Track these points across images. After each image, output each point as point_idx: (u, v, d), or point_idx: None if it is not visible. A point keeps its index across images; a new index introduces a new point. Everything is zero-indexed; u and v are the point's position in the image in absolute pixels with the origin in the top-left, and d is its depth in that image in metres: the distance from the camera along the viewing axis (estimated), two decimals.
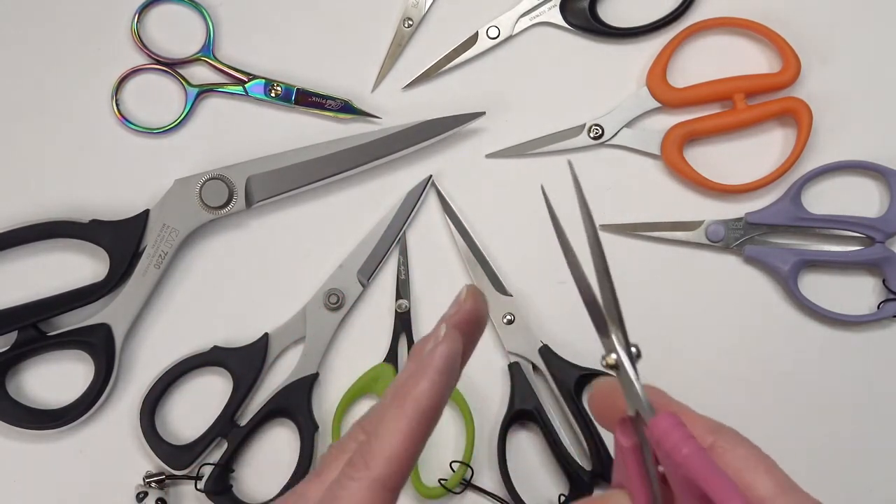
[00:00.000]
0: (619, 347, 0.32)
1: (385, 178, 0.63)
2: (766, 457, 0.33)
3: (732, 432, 0.33)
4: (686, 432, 0.29)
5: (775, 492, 0.31)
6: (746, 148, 0.64)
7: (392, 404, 0.34)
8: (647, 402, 0.31)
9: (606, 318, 0.33)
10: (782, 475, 0.32)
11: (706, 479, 0.28)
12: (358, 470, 0.33)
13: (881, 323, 0.62)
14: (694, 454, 0.29)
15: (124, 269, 0.60)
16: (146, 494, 0.59)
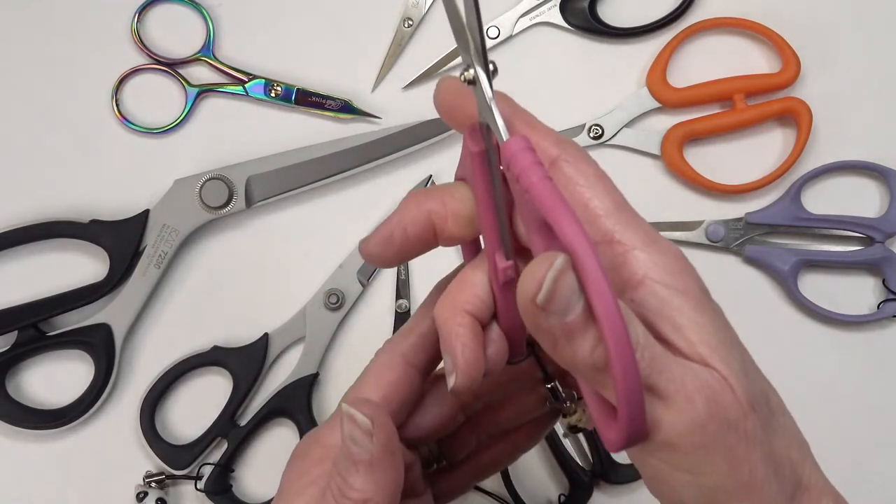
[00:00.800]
0: (477, 63, 0.32)
1: (385, 178, 0.63)
2: (604, 175, 0.33)
3: (576, 147, 0.34)
4: (535, 158, 0.30)
5: (610, 210, 0.32)
6: (746, 148, 0.64)
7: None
8: (502, 126, 0.31)
9: (467, 32, 0.32)
10: (618, 194, 0.33)
11: (549, 209, 0.29)
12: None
13: (881, 323, 0.62)
14: (540, 182, 0.29)
15: (124, 269, 0.60)
16: (146, 494, 0.59)
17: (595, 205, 0.32)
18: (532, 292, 0.28)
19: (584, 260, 0.28)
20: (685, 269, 0.33)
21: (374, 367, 0.38)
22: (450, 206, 0.35)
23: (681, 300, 0.32)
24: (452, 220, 0.35)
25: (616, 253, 0.32)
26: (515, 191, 0.31)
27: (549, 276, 0.28)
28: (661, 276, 0.32)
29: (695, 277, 0.34)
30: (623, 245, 0.32)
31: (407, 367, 0.38)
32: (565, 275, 0.28)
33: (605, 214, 0.32)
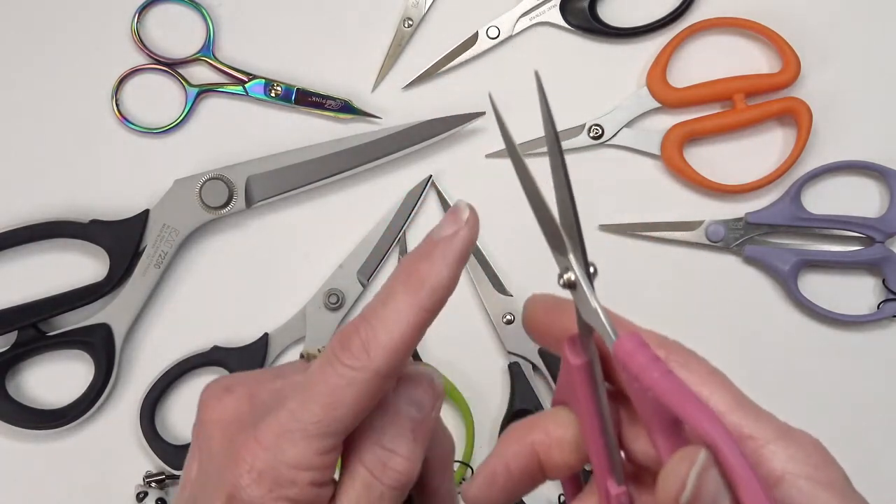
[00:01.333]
0: (577, 266, 0.31)
1: (385, 178, 0.63)
2: (718, 372, 0.32)
3: (683, 347, 0.33)
4: (652, 354, 0.29)
5: (732, 406, 0.31)
6: (746, 148, 0.64)
7: (404, 291, 0.32)
8: (609, 323, 0.30)
9: (564, 235, 0.32)
10: (736, 389, 0.32)
11: (678, 403, 0.28)
12: (357, 358, 0.31)
13: (881, 323, 0.62)
14: (664, 378, 0.28)
15: (124, 269, 0.60)
16: (146, 494, 0.59)
17: (716, 401, 0.31)
18: (675, 492, 0.26)
19: (727, 453, 0.26)
20: (826, 459, 0.32)
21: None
22: (554, 434, 0.33)
23: (828, 495, 0.31)
24: (558, 448, 0.33)
25: (749, 449, 0.30)
26: (634, 391, 0.30)
27: (693, 472, 0.26)
28: (802, 470, 0.31)
29: (837, 468, 0.33)
30: (755, 440, 0.31)
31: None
32: (709, 470, 0.27)
33: (729, 410, 0.31)
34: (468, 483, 0.34)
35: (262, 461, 0.31)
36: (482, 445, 0.61)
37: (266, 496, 0.31)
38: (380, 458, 0.32)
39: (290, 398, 0.32)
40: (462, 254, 0.32)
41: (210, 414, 0.34)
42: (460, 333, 0.62)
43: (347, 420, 0.32)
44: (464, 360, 0.62)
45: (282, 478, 0.31)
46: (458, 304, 0.62)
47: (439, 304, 0.32)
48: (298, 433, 0.31)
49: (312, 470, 0.31)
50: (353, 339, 0.32)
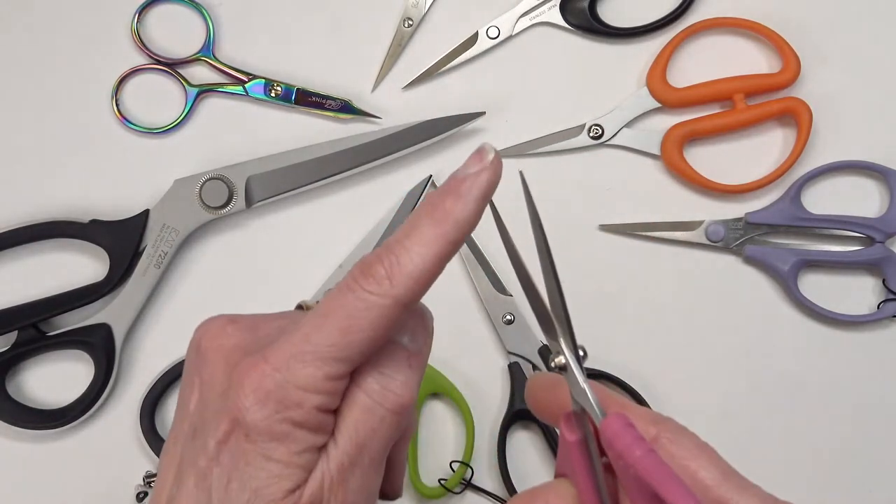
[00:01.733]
0: (567, 350, 0.34)
1: (385, 178, 0.63)
2: (707, 446, 0.34)
3: (673, 423, 0.34)
4: (636, 434, 0.31)
5: (719, 479, 0.32)
6: (746, 148, 0.64)
7: (429, 223, 0.33)
8: (597, 405, 0.32)
9: (554, 321, 0.34)
10: (724, 463, 0.33)
11: (659, 481, 0.29)
12: (380, 284, 0.32)
13: (881, 323, 0.62)
14: (646, 456, 0.30)
15: (124, 269, 0.60)
16: (146, 494, 0.59)
17: (703, 475, 0.32)
18: None
19: None
20: None
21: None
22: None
23: None
24: None
25: None
26: (619, 468, 0.31)
27: None
28: None
29: None
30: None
31: None
32: None
33: (716, 484, 0.32)
34: None
35: (269, 381, 0.32)
36: (482, 445, 0.61)
37: (271, 417, 0.32)
38: (379, 383, 0.33)
39: (304, 323, 0.33)
40: (486, 191, 0.34)
41: (211, 342, 0.34)
42: (460, 333, 0.62)
43: (362, 346, 0.32)
44: (464, 360, 0.62)
45: (288, 399, 0.32)
46: (458, 304, 0.63)
47: (462, 238, 0.33)
48: (311, 355, 0.32)
49: (321, 394, 0.32)
50: (375, 267, 0.32)
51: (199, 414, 0.33)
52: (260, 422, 0.32)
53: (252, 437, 0.32)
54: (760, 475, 0.65)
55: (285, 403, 0.32)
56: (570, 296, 0.66)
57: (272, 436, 0.32)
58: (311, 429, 0.32)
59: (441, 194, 0.34)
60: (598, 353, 0.62)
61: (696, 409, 0.62)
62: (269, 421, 0.32)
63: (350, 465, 0.33)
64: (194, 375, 0.34)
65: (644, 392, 0.61)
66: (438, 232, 0.33)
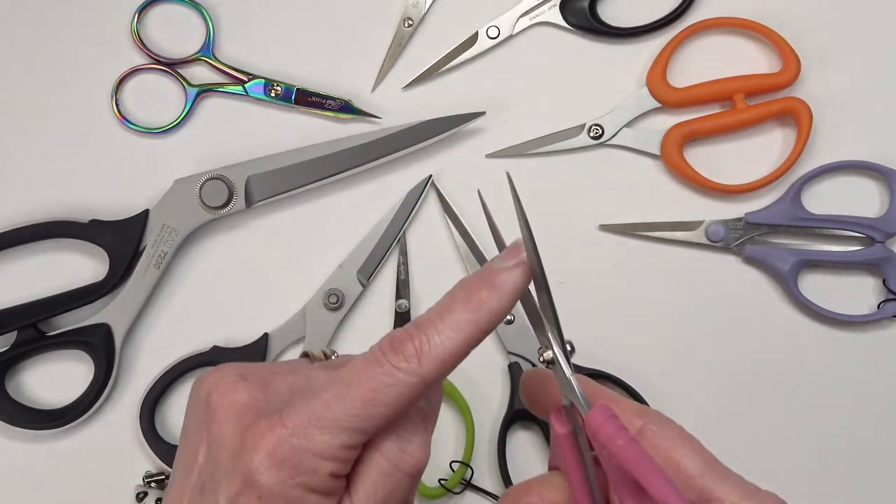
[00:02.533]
0: (554, 344, 0.34)
1: (385, 178, 0.63)
2: (691, 437, 0.35)
3: (658, 415, 0.35)
4: (619, 424, 0.32)
5: (702, 469, 0.33)
6: (746, 148, 0.64)
7: (463, 310, 0.33)
8: (583, 397, 0.33)
9: (543, 317, 0.35)
10: (707, 453, 0.34)
11: (639, 469, 0.30)
12: (408, 362, 0.33)
13: (881, 323, 0.62)
14: (628, 445, 0.31)
15: (124, 269, 0.60)
16: (146, 494, 0.59)
17: (686, 465, 0.33)
18: None
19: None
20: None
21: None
22: (547, 497, 0.35)
23: None
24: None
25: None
26: (603, 458, 0.32)
27: None
28: None
29: None
30: (721, 501, 0.33)
31: None
32: None
33: (698, 473, 0.33)
34: None
35: (286, 445, 0.32)
36: (482, 445, 0.61)
37: (285, 482, 0.32)
38: (397, 446, 0.34)
39: (325, 390, 0.33)
40: (520, 286, 0.34)
41: (222, 398, 0.34)
42: None
43: (381, 419, 0.33)
44: (464, 361, 0.62)
45: (303, 465, 0.32)
46: None
47: (492, 328, 0.34)
48: (330, 423, 0.32)
49: (336, 461, 0.32)
50: (406, 344, 0.33)
51: (208, 470, 0.33)
52: (274, 486, 0.32)
53: (264, 499, 0.32)
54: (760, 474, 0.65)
55: (300, 469, 0.32)
56: (570, 295, 0.66)
57: (284, 500, 0.32)
58: (323, 493, 0.32)
59: (477, 283, 0.34)
60: (598, 353, 0.62)
61: (696, 408, 0.62)
62: (283, 486, 0.32)
63: None
64: (203, 429, 0.34)
65: (644, 392, 0.61)
66: (471, 319, 0.33)
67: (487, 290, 0.34)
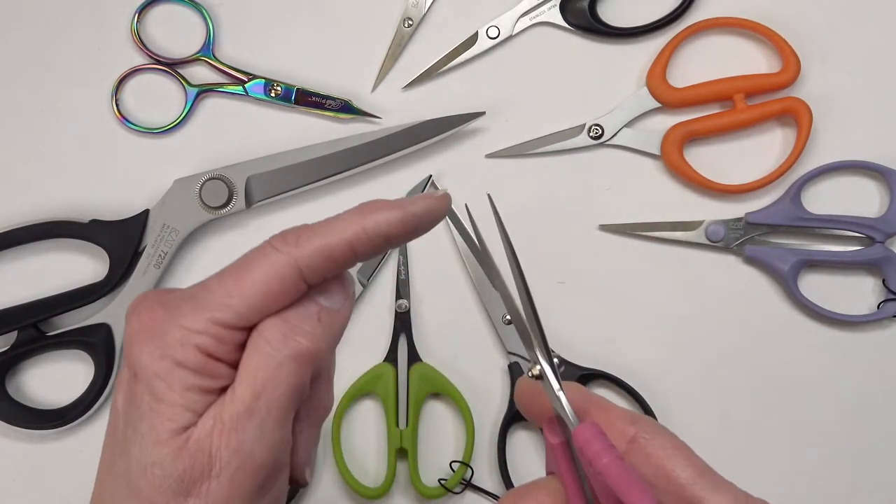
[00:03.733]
0: (543, 360, 0.35)
1: (385, 178, 0.63)
2: (683, 445, 0.34)
3: (650, 422, 0.35)
4: (606, 441, 0.32)
5: (694, 478, 0.33)
6: (746, 148, 0.64)
7: (354, 211, 0.34)
8: (571, 413, 0.34)
9: (530, 332, 0.35)
10: (699, 461, 0.34)
11: (623, 489, 0.31)
12: (286, 244, 0.34)
13: (881, 323, 0.62)
14: (612, 463, 0.31)
15: (124, 269, 0.60)
16: None
17: (677, 475, 0.33)
18: None
19: None
20: None
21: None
22: (543, 501, 0.36)
23: None
24: None
25: None
26: (590, 474, 0.33)
27: None
28: None
29: None
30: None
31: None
32: None
33: (689, 483, 0.33)
34: None
35: (155, 317, 0.33)
36: (482, 445, 0.61)
37: (153, 353, 0.32)
38: (280, 331, 0.33)
39: (210, 278, 0.34)
40: (418, 211, 0.35)
41: (130, 315, 0.34)
42: (460, 333, 0.62)
43: (252, 298, 0.33)
44: (464, 360, 0.62)
45: (170, 335, 0.32)
46: (458, 304, 0.63)
47: (378, 238, 0.34)
48: (202, 299, 0.33)
49: (203, 335, 0.32)
50: (289, 232, 0.34)
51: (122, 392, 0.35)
52: (143, 357, 0.32)
53: (139, 376, 0.32)
54: (760, 474, 0.65)
55: (167, 340, 0.32)
56: (570, 295, 0.66)
57: (155, 373, 0.32)
58: (194, 369, 0.32)
59: (377, 200, 0.35)
60: (598, 353, 0.62)
61: (696, 409, 0.62)
62: (151, 357, 0.32)
63: (246, 413, 0.32)
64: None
65: (644, 392, 0.61)
66: (356, 221, 0.34)
67: (383, 203, 0.34)
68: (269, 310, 0.33)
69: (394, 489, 0.60)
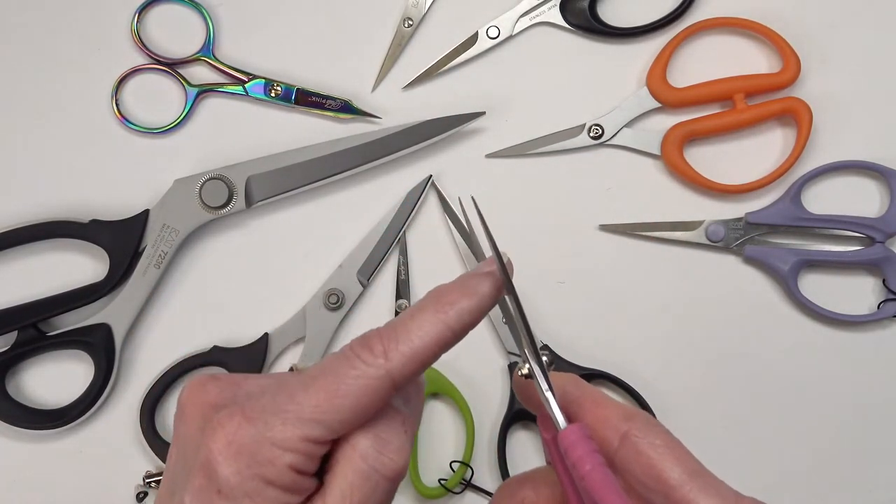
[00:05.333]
0: (531, 360, 0.35)
1: (385, 178, 0.63)
2: (676, 443, 0.34)
3: (645, 419, 0.35)
4: (590, 446, 0.32)
5: (684, 479, 0.33)
6: (746, 148, 0.64)
7: (431, 309, 0.33)
8: (558, 414, 0.33)
9: (522, 333, 0.35)
10: (691, 460, 0.34)
11: (601, 498, 0.31)
12: (376, 357, 0.32)
13: (881, 323, 0.62)
14: (594, 471, 0.31)
15: (124, 269, 0.60)
16: (146, 494, 0.59)
17: (668, 476, 0.33)
18: None
19: None
20: None
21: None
22: (541, 491, 0.36)
23: None
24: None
25: None
26: (575, 479, 0.33)
27: None
28: None
29: None
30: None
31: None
32: None
33: (679, 484, 0.33)
34: None
35: (243, 434, 0.31)
36: (482, 445, 0.61)
37: (242, 472, 0.31)
38: (375, 448, 0.33)
39: (291, 383, 0.32)
40: (489, 290, 0.34)
41: (192, 397, 0.33)
42: None
43: (345, 413, 0.32)
44: (464, 360, 0.62)
45: (261, 455, 0.31)
46: None
47: (463, 328, 0.34)
48: (292, 413, 0.31)
49: (296, 454, 0.31)
50: (373, 341, 0.33)
51: (177, 471, 0.33)
52: (231, 476, 0.31)
53: (224, 493, 0.31)
54: (760, 475, 0.65)
55: (257, 459, 0.31)
56: (570, 295, 0.66)
57: (244, 492, 0.31)
58: (284, 488, 0.31)
59: (449, 287, 0.34)
60: (598, 353, 0.62)
61: (696, 408, 0.62)
62: (240, 476, 0.31)
63: None
64: (175, 432, 0.34)
65: (644, 392, 0.61)
66: (439, 318, 0.33)
67: (457, 292, 0.34)
68: (360, 423, 0.33)
69: None
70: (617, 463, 0.34)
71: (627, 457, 0.33)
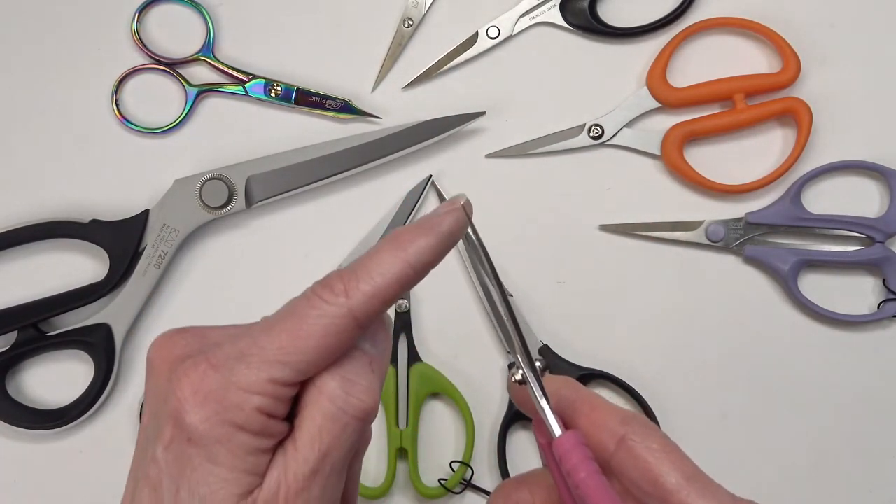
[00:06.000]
0: (525, 366, 0.35)
1: (385, 178, 0.63)
2: (673, 447, 0.34)
3: (642, 423, 0.35)
4: (584, 454, 0.32)
5: (681, 483, 0.33)
6: (746, 148, 0.64)
7: (390, 247, 0.33)
8: (552, 420, 0.33)
9: (514, 339, 0.35)
10: (688, 465, 0.33)
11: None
12: (337, 296, 0.33)
13: (881, 323, 0.62)
14: (589, 478, 0.31)
15: (124, 269, 0.60)
16: None
17: (664, 480, 0.33)
18: None
19: None
20: None
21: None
22: (537, 495, 0.36)
23: None
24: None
25: None
26: (571, 487, 0.33)
27: None
28: None
29: None
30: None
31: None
32: None
33: (676, 489, 0.33)
34: None
35: (209, 381, 0.31)
36: (482, 445, 0.61)
37: (211, 418, 0.31)
38: (342, 388, 0.32)
39: (254, 328, 0.32)
40: (450, 228, 0.34)
41: (158, 352, 0.33)
42: (460, 333, 0.62)
43: (310, 354, 0.32)
44: (464, 360, 0.62)
45: (228, 399, 0.31)
46: (458, 304, 0.63)
47: (423, 265, 0.33)
48: (256, 357, 0.31)
49: (264, 396, 0.31)
50: (334, 281, 0.33)
51: (148, 425, 0.33)
52: (200, 423, 0.31)
53: (195, 441, 0.31)
54: (760, 475, 0.65)
55: (225, 405, 0.31)
56: (570, 295, 0.66)
57: (214, 438, 0.31)
58: (254, 432, 0.31)
59: (405, 228, 0.34)
60: (598, 353, 0.62)
61: (696, 408, 0.62)
62: (209, 423, 0.31)
63: (311, 474, 0.32)
64: (146, 389, 0.34)
65: (644, 392, 0.61)
66: (399, 255, 0.33)
67: (416, 231, 0.34)
68: (326, 364, 0.33)
69: (394, 489, 0.60)
70: (613, 467, 0.34)
71: (624, 461, 0.33)
